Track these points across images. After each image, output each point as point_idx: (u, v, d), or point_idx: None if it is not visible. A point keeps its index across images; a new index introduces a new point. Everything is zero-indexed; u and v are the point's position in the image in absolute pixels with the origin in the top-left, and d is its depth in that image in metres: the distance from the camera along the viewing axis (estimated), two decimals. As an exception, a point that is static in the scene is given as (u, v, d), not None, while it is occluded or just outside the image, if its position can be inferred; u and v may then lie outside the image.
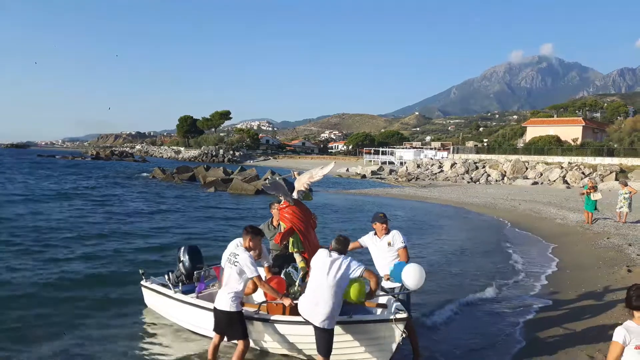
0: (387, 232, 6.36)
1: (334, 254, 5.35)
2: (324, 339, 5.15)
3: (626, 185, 18.24)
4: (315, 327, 5.17)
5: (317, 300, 5.18)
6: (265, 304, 6.03)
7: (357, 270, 5.22)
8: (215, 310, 5.67)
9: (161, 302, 7.45)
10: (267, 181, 7.37)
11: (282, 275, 6.42)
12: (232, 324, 5.55)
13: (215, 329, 5.71)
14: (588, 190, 17.83)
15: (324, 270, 5.23)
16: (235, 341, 5.68)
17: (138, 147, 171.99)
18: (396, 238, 6.28)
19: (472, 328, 7.61)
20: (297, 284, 6.23)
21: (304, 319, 5.31)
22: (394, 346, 5.24)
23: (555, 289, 9.83)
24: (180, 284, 7.18)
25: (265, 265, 6.46)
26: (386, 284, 6.23)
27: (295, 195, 6.92)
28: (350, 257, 5.41)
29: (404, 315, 5.13)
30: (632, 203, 17.78)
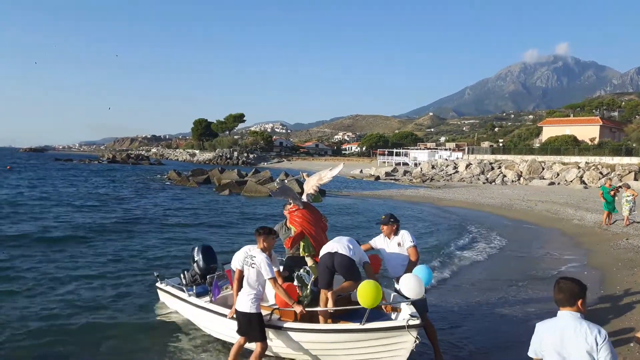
0: (396, 233, 6.35)
1: None
2: None
3: (629, 187, 17.95)
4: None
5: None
6: (277, 309, 6.00)
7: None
8: (236, 312, 5.70)
9: (176, 305, 7.51)
10: (275, 184, 7.28)
11: (294, 278, 6.41)
12: (251, 326, 5.56)
13: (238, 332, 5.71)
14: (614, 192, 17.54)
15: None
16: (253, 343, 5.67)
17: (154, 150, 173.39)
18: (405, 237, 6.27)
19: (488, 329, 7.55)
20: (309, 287, 6.20)
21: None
22: (407, 353, 5.20)
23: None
24: (194, 285, 7.23)
25: (275, 269, 6.43)
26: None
27: (304, 198, 6.87)
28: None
29: (417, 321, 5.08)
30: (634, 205, 17.48)
